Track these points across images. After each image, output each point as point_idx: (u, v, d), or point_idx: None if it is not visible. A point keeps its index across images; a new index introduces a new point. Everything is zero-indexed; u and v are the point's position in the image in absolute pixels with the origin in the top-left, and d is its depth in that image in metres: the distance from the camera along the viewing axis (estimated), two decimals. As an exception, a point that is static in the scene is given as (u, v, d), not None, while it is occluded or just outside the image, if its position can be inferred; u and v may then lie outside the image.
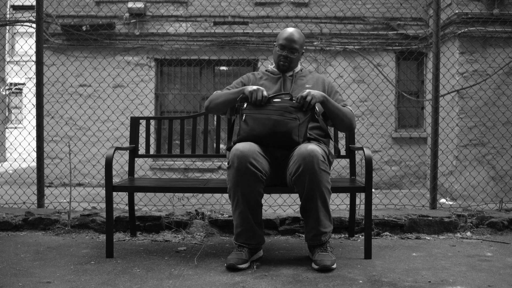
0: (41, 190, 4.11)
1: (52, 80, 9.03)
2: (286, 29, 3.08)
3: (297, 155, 2.69)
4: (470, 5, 8.27)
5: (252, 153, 2.67)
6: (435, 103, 4.25)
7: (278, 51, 3.05)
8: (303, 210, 2.78)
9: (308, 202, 2.72)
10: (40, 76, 4.14)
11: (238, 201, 2.71)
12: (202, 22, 10.11)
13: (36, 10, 4.20)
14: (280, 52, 3.04)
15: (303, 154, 2.66)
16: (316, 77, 3.14)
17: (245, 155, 2.65)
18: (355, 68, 9.60)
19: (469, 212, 3.83)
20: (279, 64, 3.07)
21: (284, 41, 3.03)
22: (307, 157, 2.64)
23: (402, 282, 2.48)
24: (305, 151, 2.67)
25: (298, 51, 3.06)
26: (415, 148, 9.34)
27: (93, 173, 9.37)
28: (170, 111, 10.41)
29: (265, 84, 3.08)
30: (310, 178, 2.65)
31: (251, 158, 2.66)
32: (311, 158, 2.64)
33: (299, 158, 2.67)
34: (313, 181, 2.66)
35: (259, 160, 2.70)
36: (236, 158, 2.66)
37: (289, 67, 3.08)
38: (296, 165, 2.68)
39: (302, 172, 2.65)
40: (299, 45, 3.06)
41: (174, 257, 2.95)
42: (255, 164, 2.66)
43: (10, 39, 17.37)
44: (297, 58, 3.09)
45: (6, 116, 16.48)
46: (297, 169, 2.67)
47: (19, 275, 2.59)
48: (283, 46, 3.03)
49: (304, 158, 2.65)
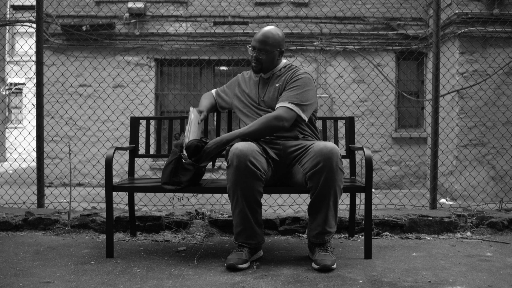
0: (41, 190, 4.11)
1: (52, 80, 9.02)
2: (261, 29, 3.02)
3: (316, 151, 2.69)
4: (470, 5, 8.27)
5: (251, 152, 2.67)
6: (435, 103, 4.25)
7: (250, 52, 3.01)
8: (312, 206, 2.78)
9: (320, 199, 2.72)
10: (40, 76, 4.14)
11: (237, 200, 2.71)
12: (202, 22, 10.12)
13: (36, 10, 4.20)
14: (251, 53, 3.00)
15: (322, 151, 2.66)
16: (291, 73, 2.99)
17: (244, 154, 2.65)
18: (355, 68, 9.60)
19: (469, 212, 3.83)
20: (252, 66, 3.05)
21: (253, 42, 2.98)
22: (328, 154, 2.65)
23: (402, 282, 2.47)
24: (325, 148, 2.67)
25: (269, 51, 2.94)
26: (415, 148, 9.34)
27: (93, 173, 9.37)
28: (170, 111, 10.41)
29: (250, 87, 3.11)
30: (326, 175, 2.66)
31: (250, 157, 2.66)
32: (331, 155, 2.65)
33: (319, 154, 2.67)
34: (329, 179, 2.66)
35: (258, 159, 2.70)
36: (235, 157, 2.66)
37: (262, 68, 3.00)
38: (315, 161, 2.67)
39: (320, 169, 2.65)
40: (270, 46, 2.93)
41: (174, 257, 2.95)
42: (255, 163, 2.66)
43: (10, 39, 17.37)
44: (270, 58, 2.97)
45: (6, 116, 16.48)
46: (315, 165, 2.67)
47: (19, 275, 2.59)
48: (253, 47, 2.98)
49: (324, 155, 2.65)
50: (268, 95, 3.00)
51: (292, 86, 2.92)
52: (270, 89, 3.02)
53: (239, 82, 3.19)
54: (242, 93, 3.12)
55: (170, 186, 2.88)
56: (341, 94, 9.46)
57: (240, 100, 3.12)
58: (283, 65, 3.08)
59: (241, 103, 3.11)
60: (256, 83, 3.10)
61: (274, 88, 3.00)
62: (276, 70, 3.06)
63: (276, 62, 3.03)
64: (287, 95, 2.90)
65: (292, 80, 2.95)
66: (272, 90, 3.00)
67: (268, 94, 3.01)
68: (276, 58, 3.01)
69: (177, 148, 2.91)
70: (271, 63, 3.01)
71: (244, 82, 3.16)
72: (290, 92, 2.91)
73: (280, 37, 2.99)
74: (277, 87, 2.99)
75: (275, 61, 3.02)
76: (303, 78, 2.95)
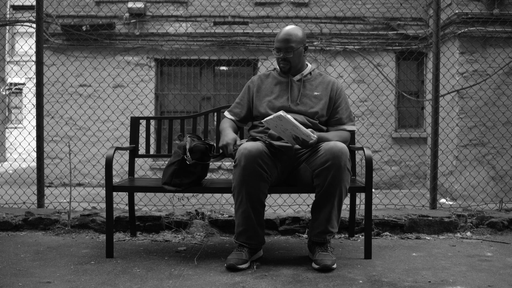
0: (41, 190, 4.11)
1: (52, 80, 9.02)
2: (281, 29, 3.02)
3: (326, 150, 2.70)
4: (470, 5, 8.27)
5: (259, 154, 2.68)
6: (435, 103, 4.25)
7: (275, 54, 3.01)
8: (316, 204, 2.78)
9: (325, 197, 2.73)
10: (40, 76, 4.14)
11: (242, 200, 2.71)
12: (202, 22, 10.11)
13: (36, 10, 4.20)
14: (277, 55, 3.00)
15: (332, 150, 2.68)
16: (326, 82, 3.07)
17: (252, 155, 2.66)
18: (355, 68, 9.60)
19: (469, 212, 3.83)
20: (280, 67, 3.05)
21: (277, 43, 2.98)
22: (337, 153, 2.67)
23: (402, 282, 2.48)
24: (334, 147, 2.69)
25: (294, 48, 2.96)
26: (415, 148, 9.34)
27: (93, 173, 9.37)
28: (170, 111, 10.41)
29: (274, 90, 3.03)
30: (334, 173, 2.67)
31: (258, 159, 2.66)
32: (340, 154, 2.67)
33: (328, 152, 2.69)
34: (336, 177, 2.68)
35: (266, 160, 2.70)
36: (243, 157, 2.66)
37: (291, 67, 3.01)
38: (323, 158, 2.69)
39: (328, 167, 2.67)
40: (295, 42, 2.95)
41: (174, 257, 2.95)
42: (262, 165, 2.67)
43: (10, 39, 17.37)
44: (297, 56, 2.99)
45: (6, 116, 16.47)
46: (323, 163, 2.69)
47: (19, 275, 2.59)
48: (278, 49, 2.98)
49: (333, 153, 2.67)
50: (306, 101, 2.99)
51: (342, 105, 3.06)
52: (306, 94, 3.01)
53: (255, 89, 3.09)
54: (263, 98, 3.04)
55: (171, 187, 2.89)
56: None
57: (262, 106, 3.02)
58: (311, 69, 3.11)
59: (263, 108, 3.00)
60: (283, 86, 3.04)
61: (313, 95, 3.01)
62: (306, 73, 3.07)
63: (303, 60, 3.04)
64: (344, 116, 3.06)
65: (338, 96, 3.07)
66: (310, 96, 3.00)
67: (305, 99, 2.99)
68: (302, 55, 3.02)
69: (180, 150, 2.91)
70: (298, 60, 3.01)
71: (265, 85, 3.08)
72: (344, 112, 3.06)
73: (302, 33, 3.02)
74: (317, 96, 3.00)
75: (302, 58, 3.03)
76: (342, 91, 3.11)
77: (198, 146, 2.89)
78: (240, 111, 3.14)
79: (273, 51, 3.04)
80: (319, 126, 3.01)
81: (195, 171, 2.89)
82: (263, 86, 3.08)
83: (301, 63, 3.05)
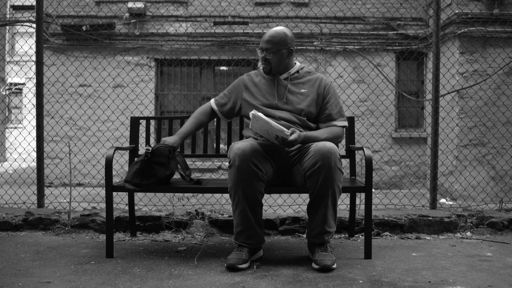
0: (41, 190, 4.11)
1: (52, 80, 9.03)
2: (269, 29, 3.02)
3: (315, 151, 2.69)
4: (470, 5, 8.27)
5: (253, 152, 2.67)
6: (435, 103, 4.25)
7: (259, 53, 3.00)
8: (311, 206, 2.78)
9: (318, 198, 2.72)
10: (40, 76, 4.14)
11: (238, 200, 2.71)
12: (202, 22, 10.12)
13: (36, 10, 4.20)
14: (260, 54, 2.99)
15: (321, 150, 2.67)
16: (314, 79, 3.04)
17: (246, 154, 2.65)
18: (355, 68, 9.60)
19: (469, 212, 3.83)
20: (262, 67, 3.04)
21: (261, 43, 2.97)
22: (326, 154, 2.65)
23: (402, 282, 2.48)
24: (323, 147, 2.67)
25: (275, 50, 2.91)
26: (415, 148, 9.34)
27: (93, 173, 9.37)
28: (170, 111, 10.41)
29: (261, 89, 3.02)
30: (325, 174, 2.66)
31: (252, 157, 2.66)
32: (329, 154, 2.65)
33: (317, 154, 2.67)
34: (327, 178, 2.66)
35: (260, 159, 2.70)
36: (237, 157, 2.66)
37: (271, 68, 2.98)
38: (313, 160, 2.68)
39: (318, 168, 2.66)
40: (276, 44, 2.91)
41: (174, 257, 2.95)
42: (256, 163, 2.67)
43: (10, 39, 17.37)
44: (278, 57, 2.94)
45: (6, 116, 16.47)
46: (313, 165, 2.67)
47: (19, 275, 2.59)
48: (261, 49, 2.97)
49: (322, 154, 2.65)
50: (292, 98, 2.97)
51: (331, 101, 3.00)
52: (293, 92, 2.99)
53: (246, 85, 3.08)
54: (252, 96, 3.03)
55: (130, 185, 2.90)
56: (341, 94, 9.45)
57: (249, 104, 3.01)
58: (299, 68, 3.07)
59: (251, 107, 2.99)
60: (270, 84, 3.03)
61: (299, 93, 2.98)
62: (293, 71, 3.04)
63: (285, 62, 3.00)
64: (334, 112, 3.00)
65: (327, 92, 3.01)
66: (296, 94, 2.98)
67: (292, 97, 2.97)
68: (284, 58, 2.97)
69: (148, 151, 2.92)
70: (280, 62, 2.97)
71: (253, 83, 3.07)
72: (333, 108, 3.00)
73: (287, 35, 2.97)
74: (303, 93, 2.98)
75: (284, 61, 2.98)
76: (331, 86, 3.05)
77: (160, 149, 2.90)
78: (225, 102, 3.14)
79: (257, 50, 3.03)
80: (308, 124, 2.97)
81: (156, 173, 2.89)
82: (252, 85, 3.07)
83: (284, 65, 3.00)
